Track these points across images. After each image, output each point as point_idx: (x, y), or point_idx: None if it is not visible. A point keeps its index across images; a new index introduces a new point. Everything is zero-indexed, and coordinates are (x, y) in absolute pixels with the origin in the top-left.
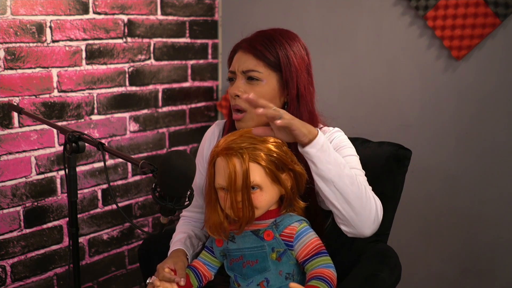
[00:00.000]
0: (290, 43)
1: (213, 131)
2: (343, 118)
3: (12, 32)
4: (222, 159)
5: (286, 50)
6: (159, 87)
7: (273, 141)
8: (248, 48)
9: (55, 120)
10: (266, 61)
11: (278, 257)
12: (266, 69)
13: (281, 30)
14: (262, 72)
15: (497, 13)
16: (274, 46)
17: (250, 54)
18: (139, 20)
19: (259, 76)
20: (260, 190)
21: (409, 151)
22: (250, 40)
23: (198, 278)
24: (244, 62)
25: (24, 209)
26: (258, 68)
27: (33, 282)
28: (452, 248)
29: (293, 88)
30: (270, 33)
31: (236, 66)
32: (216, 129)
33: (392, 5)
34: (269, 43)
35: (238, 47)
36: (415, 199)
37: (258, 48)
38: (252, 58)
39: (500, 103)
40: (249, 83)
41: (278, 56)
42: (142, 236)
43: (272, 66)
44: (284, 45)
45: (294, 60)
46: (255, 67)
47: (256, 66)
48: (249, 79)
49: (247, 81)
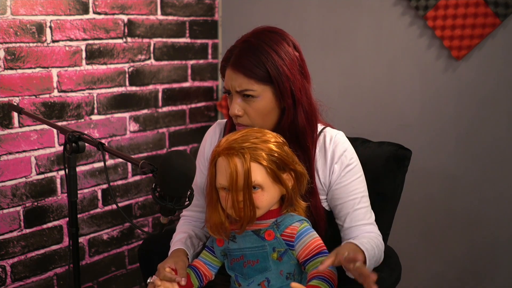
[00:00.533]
0: (276, 50)
1: (215, 130)
2: (343, 118)
3: (12, 32)
4: (223, 159)
5: (273, 61)
6: (159, 87)
7: (274, 141)
8: (236, 67)
9: (55, 120)
10: (256, 78)
11: (279, 257)
12: (259, 85)
13: (264, 35)
14: (256, 89)
15: (497, 13)
16: (261, 60)
17: (240, 73)
18: (139, 20)
19: (254, 94)
20: (262, 190)
21: (409, 151)
22: (236, 56)
23: (199, 277)
24: (236, 82)
25: (24, 209)
26: (251, 86)
27: (33, 282)
28: (452, 248)
29: (288, 98)
30: (254, 43)
31: (229, 85)
32: (217, 128)
33: (392, 5)
34: (255, 57)
35: (226, 63)
36: (415, 199)
37: (246, 66)
38: (243, 77)
39: (500, 103)
40: (245, 100)
41: (267, 70)
42: (142, 236)
43: (264, 81)
44: (271, 55)
45: (284, 69)
46: (248, 85)
47: (248, 85)
48: (245, 96)
49: (243, 99)
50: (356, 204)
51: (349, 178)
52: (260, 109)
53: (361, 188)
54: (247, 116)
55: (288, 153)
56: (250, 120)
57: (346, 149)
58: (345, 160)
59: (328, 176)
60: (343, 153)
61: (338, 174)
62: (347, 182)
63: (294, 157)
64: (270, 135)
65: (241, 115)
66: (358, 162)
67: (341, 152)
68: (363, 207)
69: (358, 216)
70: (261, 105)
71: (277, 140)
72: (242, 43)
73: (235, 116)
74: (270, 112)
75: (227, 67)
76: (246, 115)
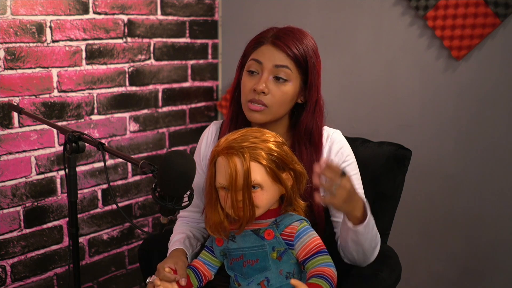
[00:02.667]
0: (313, 47)
1: (211, 130)
2: (343, 118)
3: (12, 32)
4: (223, 158)
5: (313, 55)
6: (159, 87)
7: (274, 140)
8: (281, 45)
9: (55, 120)
10: (296, 62)
11: (278, 256)
12: (295, 69)
13: (303, 31)
14: (291, 72)
15: (497, 13)
16: (305, 48)
17: (282, 51)
18: (139, 20)
19: (288, 76)
20: (261, 189)
21: (409, 151)
22: (281, 34)
23: (198, 277)
24: (275, 58)
25: (24, 209)
26: (289, 67)
27: (33, 282)
28: (452, 248)
29: (315, 93)
30: (298, 33)
31: (266, 58)
32: (213, 129)
33: (392, 5)
34: (300, 44)
35: (266, 39)
36: (415, 199)
37: (291, 46)
38: (285, 57)
39: (500, 103)
40: (276, 82)
41: (307, 59)
42: (142, 236)
43: (300, 68)
44: (311, 49)
45: (317, 65)
46: (287, 63)
47: (287, 64)
48: (276, 78)
49: (274, 80)
50: None
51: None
52: (285, 94)
53: (357, 186)
54: (271, 96)
55: (288, 153)
56: (271, 101)
57: (342, 146)
58: (341, 157)
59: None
60: (339, 150)
61: None
62: None
63: (294, 157)
64: (269, 134)
65: (266, 93)
66: (354, 160)
67: (337, 149)
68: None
69: None
70: (289, 90)
71: (276, 139)
72: (285, 29)
73: (260, 92)
74: (289, 101)
75: (266, 42)
76: (270, 95)
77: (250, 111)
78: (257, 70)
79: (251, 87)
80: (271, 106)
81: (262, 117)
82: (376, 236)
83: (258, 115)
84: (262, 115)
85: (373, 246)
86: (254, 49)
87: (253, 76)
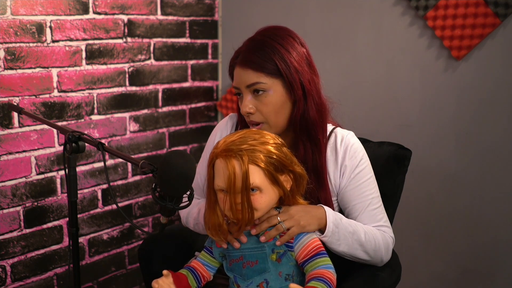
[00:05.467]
0: (282, 43)
1: (227, 122)
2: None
3: (12, 32)
4: (221, 161)
5: (280, 53)
6: (159, 87)
7: (273, 142)
8: (245, 63)
9: (55, 120)
10: (265, 71)
11: (278, 258)
12: (268, 78)
13: (269, 32)
14: (266, 82)
15: (497, 13)
16: (268, 54)
17: (248, 68)
18: (139, 20)
19: (264, 87)
20: (260, 192)
21: (409, 151)
22: (243, 53)
23: (197, 279)
24: (245, 77)
25: (24, 209)
26: (261, 79)
27: (33, 282)
28: (452, 248)
29: (298, 89)
30: (260, 40)
31: (239, 82)
32: (229, 122)
33: (392, 5)
34: (263, 52)
35: (234, 62)
36: (415, 199)
37: (254, 60)
38: (252, 72)
39: (500, 103)
40: (256, 96)
41: (275, 62)
42: (142, 236)
43: (273, 74)
44: (277, 49)
45: (291, 61)
46: (258, 79)
47: (258, 78)
48: (256, 92)
49: (254, 95)
50: (366, 206)
51: (359, 179)
52: (272, 104)
53: (372, 190)
54: (260, 113)
55: (287, 154)
56: (263, 116)
57: (357, 149)
58: (355, 161)
59: (339, 177)
60: (354, 154)
61: (349, 176)
62: (358, 184)
63: (293, 158)
64: (269, 136)
65: (253, 112)
66: (368, 163)
67: (352, 153)
68: (374, 208)
69: (367, 218)
70: (272, 99)
71: (276, 141)
72: (248, 42)
73: (247, 114)
74: (281, 106)
75: (235, 66)
76: (259, 112)
77: None
78: (239, 92)
79: (241, 111)
80: (266, 119)
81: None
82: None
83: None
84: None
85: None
86: (231, 70)
87: (240, 98)
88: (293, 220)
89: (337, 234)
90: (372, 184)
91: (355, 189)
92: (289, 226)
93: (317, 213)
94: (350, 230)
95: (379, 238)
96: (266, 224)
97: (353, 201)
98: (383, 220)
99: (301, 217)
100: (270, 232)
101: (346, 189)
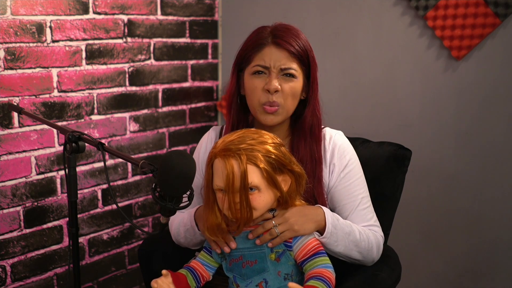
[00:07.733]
0: (307, 41)
1: (210, 136)
2: (343, 118)
3: (12, 32)
4: (220, 160)
5: (309, 48)
6: (159, 87)
7: (272, 142)
8: (284, 44)
9: (55, 120)
10: (299, 59)
11: (277, 257)
12: (298, 66)
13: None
14: (297, 69)
15: (497, 13)
16: (303, 44)
17: (285, 51)
18: (139, 20)
19: (295, 74)
20: (258, 191)
21: (409, 151)
22: (281, 34)
23: (196, 279)
24: (281, 60)
25: (24, 209)
26: (294, 66)
27: (33, 282)
28: (452, 248)
29: (316, 87)
30: (293, 28)
31: (271, 62)
32: (212, 134)
33: (392, 5)
34: (299, 39)
35: (266, 39)
36: (415, 199)
37: (293, 45)
38: (288, 56)
39: (500, 103)
40: (284, 78)
41: (307, 54)
42: (142, 236)
43: (303, 64)
44: (307, 42)
45: (314, 58)
46: (292, 64)
47: (292, 64)
48: (285, 75)
49: (282, 77)
50: (356, 206)
51: (349, 179)
52: (294, 90)
53: (362, 189)
54: (282, 93)
55: (285, 154)
56: (283, 98)
57: (346, 149)
58: (344, 161)
59: (328, 176)
60: (343, 153)
61: (338, 175)
62: (347, 184)
63: (292, 158)
64: (267, 136)
65: (279, 91)
66: (357, 162)
67: (340, 152)
68: (364, 208)
69: (358, 218)
70: (297, 85)
71: (274, 141)
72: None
73: (273, 92)
74: (298, 96)
75: (266, 44)
76: (281, 93)
77: (266, 114)
78: (263, 71)
79: (262, 87)
80: (284, 103)
81: (276, 118)
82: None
83: (273, 117)
84: (276, 117)
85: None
86: (255, 52)
87: (260, 77)
88: (287, 224)
89: (335, 236)
90: (362, 184)
91: (345, 188)
92: (282, 230)
93: (315, 215)
94: (347, 231)
95: (371, 238)
96: (261, 230)
97: (342, 200)
98: (373, 219)
99: (295, 221)
100: (264, 236)
101: (336, 188)
